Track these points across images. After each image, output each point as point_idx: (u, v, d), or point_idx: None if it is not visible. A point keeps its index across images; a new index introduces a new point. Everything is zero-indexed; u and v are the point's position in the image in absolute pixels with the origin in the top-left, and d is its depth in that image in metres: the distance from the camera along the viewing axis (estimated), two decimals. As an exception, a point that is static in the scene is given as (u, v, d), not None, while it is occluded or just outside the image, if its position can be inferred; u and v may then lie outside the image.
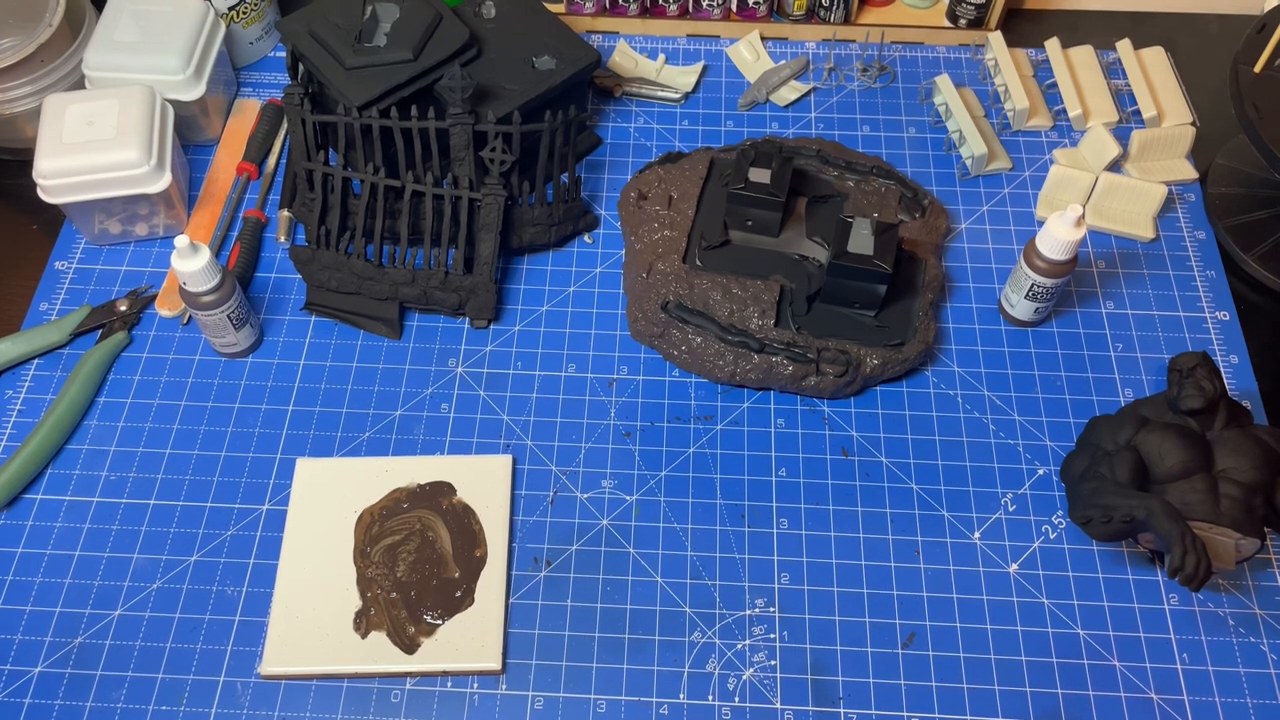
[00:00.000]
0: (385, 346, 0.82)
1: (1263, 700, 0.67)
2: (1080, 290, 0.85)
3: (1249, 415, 0.72)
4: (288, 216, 0.87)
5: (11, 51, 0.85)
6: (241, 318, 0.78)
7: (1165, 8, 1.05)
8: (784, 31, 1.01)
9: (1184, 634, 0.70)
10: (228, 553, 0.73)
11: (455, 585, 0.70)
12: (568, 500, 0.75)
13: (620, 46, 1.00)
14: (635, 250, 0.83)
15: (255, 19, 0.97)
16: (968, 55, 1.01)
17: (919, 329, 0.79)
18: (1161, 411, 0.72)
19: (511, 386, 0.80)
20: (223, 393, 0.80)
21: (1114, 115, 0.95)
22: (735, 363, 0.77)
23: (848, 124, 0.96)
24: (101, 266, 0.86)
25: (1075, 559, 0.73)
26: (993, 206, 0.90)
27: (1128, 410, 0.73)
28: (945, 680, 0.68)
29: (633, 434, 0.78)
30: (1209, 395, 0.70)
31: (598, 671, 0.68)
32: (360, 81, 0.81)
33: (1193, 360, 0.71)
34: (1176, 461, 0.68)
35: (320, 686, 0.68)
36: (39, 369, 0.81)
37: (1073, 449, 0.76)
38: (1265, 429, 0.71)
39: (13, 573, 0.72)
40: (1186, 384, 0.71)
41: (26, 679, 0.68)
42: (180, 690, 0.67)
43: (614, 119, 0.96)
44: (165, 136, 0.83)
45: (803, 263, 0.82)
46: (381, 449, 0.77)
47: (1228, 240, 0.88)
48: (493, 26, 0.88)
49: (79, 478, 0.76)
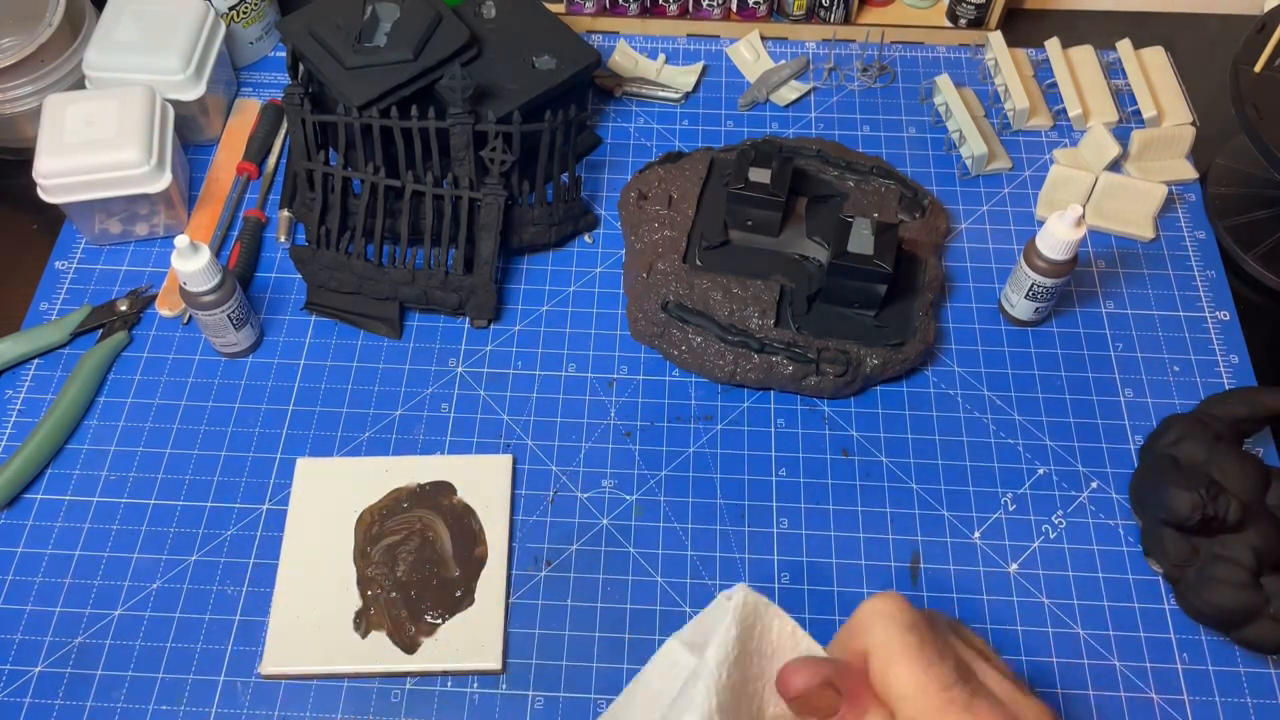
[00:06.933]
0: (385, 346, 0.82)
1: (1263, 700, 0.67)
2: (1080, 290, 0.85)
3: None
4: (288, 216, 0.87)
5: (11, 51, 0.85)
6: (241, 318, 0.78)
7: (1165, 8, 1.05)
8: (784, 31, 1.01)
9: (1184, 634, 0.70)
10: (228, 552, 0.73)
11: (455, 585, 0.70)
12: (568, 500, 0.75)
13: (620, 46, 1.00)
14: (635, 250, 0.83)
15: (255, 19, 0.97)
16: (968, 55, 1.01)
17: (919, 329, 0.79)
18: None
19: (511, 386, 0.80)
20: (223, 393, 0.80)
21: (1114, 115, 0.95)
22: (735, 363, 0.77)
23: (848, 124, 0.96)
24: (101, 266, 0.86)
25: (1075, 559, 0.73)
26: (993, 206, 0.90)
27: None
28: (945, 680, 0.68)
29: (633, 434, 0.78)
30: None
31: (598, 671, 0.68)
32: (360, 81, 0.81)
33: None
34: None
35: (320, 686, 0.68)
36: (39, 369, 0.81)
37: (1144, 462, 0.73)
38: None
39: (13, 572, 0.72)
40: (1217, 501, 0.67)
41: (26, 679, 0.68)
42: (180, 690, 0.67)
43: (614, 119, 0.96)
44: (165, 136, 0.83)
45: (803, 263, 0.82)
46: (381, 449, 0.77)
47: (1228, 240, 0.88)
48: (493, 26, 0.88)
49: (79, 478, 0.76)
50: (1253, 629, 0.66)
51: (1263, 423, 0.73)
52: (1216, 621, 0.67)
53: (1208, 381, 0.80)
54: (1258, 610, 0.65)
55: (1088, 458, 0.77)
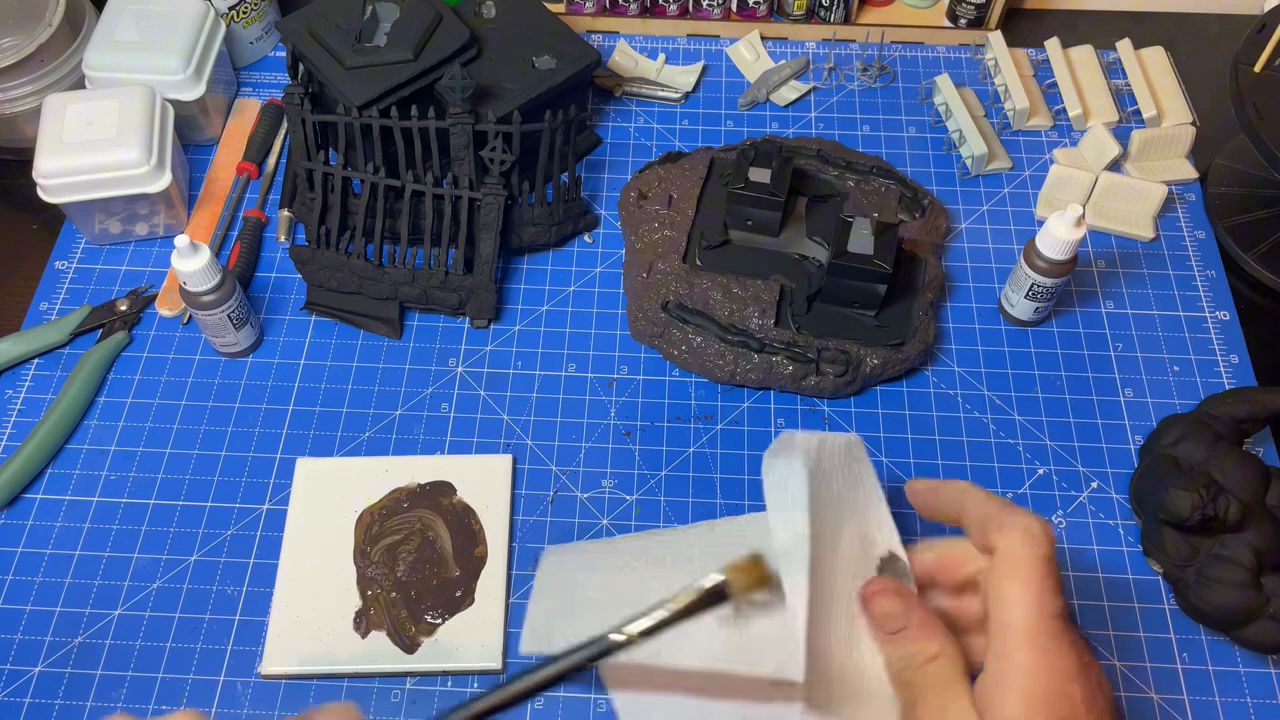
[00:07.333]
0: (385, 346, 0.82)
1: (1263, 700, 0.67)
2: (1080, 290, 0.85)
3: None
4: (288, 216, 0.87)
5: (11, 51, 0.85)
6: (241, 317, 0.78)
7: (1165, 8, 1.05)
8: (784, 31, 1.01)
9: (1184, 634, 0.70)
10: (228, 552, 0.73)
11: (455, 585, 0.70)
12: (568, 500, 0.75)
13: (620, 46, 1.00)
14: (635, 250, 0.83)
15: (255, 19, 0.97)
16: (968, 55, 1.01)
17: (919, 329, 0.79)
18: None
19: (512, 386, 0.80)
20: (223, 392, 0.80)
21: (1114, 115, 0.95)
22: (735, 362, 0.77)
23: (848, 124, 0.96)
24: (101, 266, 0.86)
25: (1075, 559, 0.72)
26: (993, 206, 0.90)
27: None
28: (945, 680, 0.68)
29: (633, 434, 0.78)
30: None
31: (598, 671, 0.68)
32: (360, 81, 0.81)
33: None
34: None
35: (320, 686, 0.68)
36: (39, 369, 0.81)
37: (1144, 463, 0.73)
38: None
39: (13, 572, 0.72)
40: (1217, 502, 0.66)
41: (26, 678, 0.68)
42: (180, 690, 0.67)
43: (614, 119, 0.96)
44: (165, 136, 0.83)
45: (803, 263, 0.82)
46: (381, 449, 0.77)
47: (1228, 240, 0.88)
48: (493, 26, 0.88)
49: (79, 477, 0.76)
50: (1253, 629, 0.66)
51: (1263, 423, 0.73)
52: (1216, 621, 0.67)
53: (1208, 381, 0.80)
54: (1258, 610, 0.65)
55: (1088, 458, 0.77)
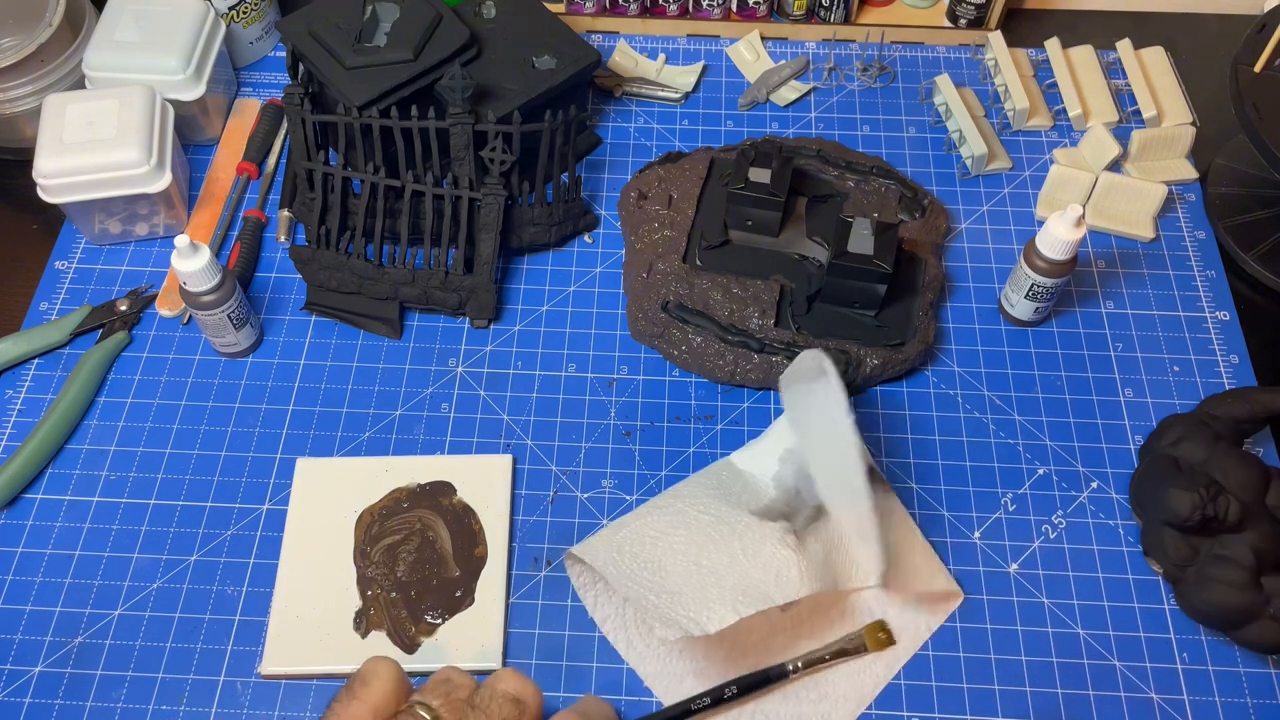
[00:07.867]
0: (385, 346, 0.82)
1: (1263, 700, 0.67)
2: (1080, 290, 0.85)
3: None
4: (288, 216, 0.87)
5: (11, 51, 0.85)
6: (241, 318, 0.78)
7: (1165, 8, 1.05)
8: (784, 31, 1.01)
9: (1184, 634, 0.70)
10: (228, 552, 0.73)
11: (455, 585, 0.70)
12: (568, 500, 0.75)
13: (620, 46, 1.00)
14: (635, 250, 0.83)
15: (255, 19, 0.97)
16: (968, 55, 1.01)
17: (919, 329, 0.79)
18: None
19: (511, 386, 0.80)
20: (223, 393, 0.80)
21: (1114, 115, 0.95)
22: (735, 362, 0.77)
23: (848, 124, 0.96)
24: (101, 266, 0.86)
25: (1075, 559, 0.73)
26: (993, 206, 0.90)
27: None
28: (945, 680, 0.68)
29: (633, 434, 0.78)
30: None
31: (598, 671, 0.68)
32: (360, 81, 0.81)
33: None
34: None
35: (320, 686, 0.68)
36: (39, 369, 0.81)
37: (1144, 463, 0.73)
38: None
39: (13, 572, 0.72)
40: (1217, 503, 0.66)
41: (26, 679, 0.68)
42: (180, 690, 0.67)
43: (614, 119, 0.96)
44: (165, 136, 0.83)
45: (803, 263, 0.82)
46: (381, 449, 0.77)
47: (1228, 240, 0.88)
48: (493, 26, 0.88)
49: (79, 477, 0.76)
50: (1253, 629, 0.66)
51: (1263, 423, 0.73)
52: (1216, 621, 0.67)
53: (1208, 381, 0.80)
54: (1258, 610, 0.65)
55: (1088, 458, 0.77)
